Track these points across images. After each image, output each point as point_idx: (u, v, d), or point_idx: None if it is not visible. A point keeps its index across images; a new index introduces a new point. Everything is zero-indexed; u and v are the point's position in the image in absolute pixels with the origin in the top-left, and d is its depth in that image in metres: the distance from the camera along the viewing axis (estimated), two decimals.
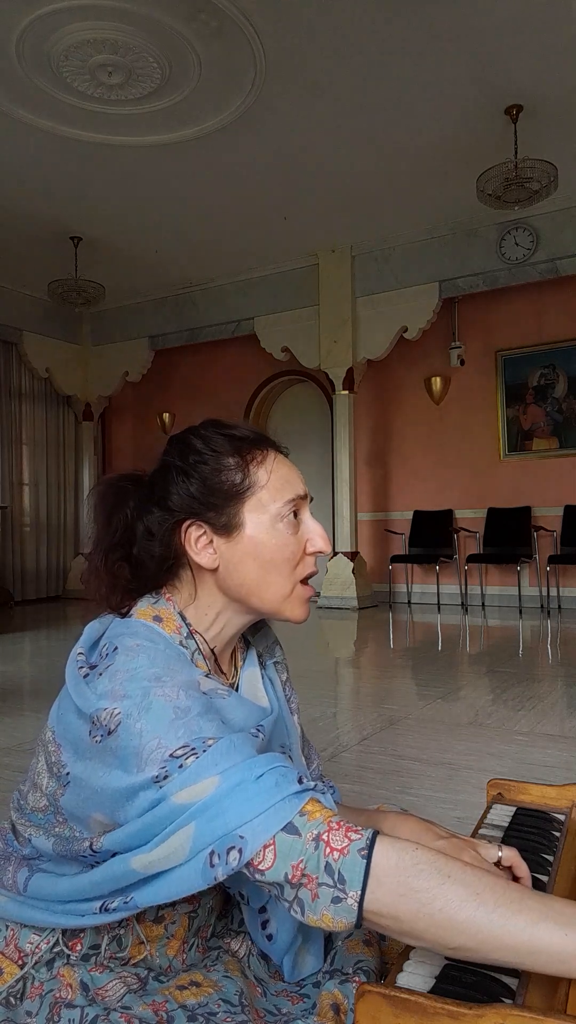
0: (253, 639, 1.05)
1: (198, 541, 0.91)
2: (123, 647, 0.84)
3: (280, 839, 0.70)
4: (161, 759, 0.74)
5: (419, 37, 4.19)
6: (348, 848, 0.69)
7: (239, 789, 0.72)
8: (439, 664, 4.27)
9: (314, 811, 0.72)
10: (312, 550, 0.94)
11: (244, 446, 0.93)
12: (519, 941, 0.64)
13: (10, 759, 2.42)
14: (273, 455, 0.94)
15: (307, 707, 3.04)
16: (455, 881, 0.67)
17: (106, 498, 0.95)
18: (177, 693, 0.78)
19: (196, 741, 0.75)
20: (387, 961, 0.95)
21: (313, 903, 0.69)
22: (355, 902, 0.68)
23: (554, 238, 6.23)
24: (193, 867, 0.71)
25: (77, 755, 0.81)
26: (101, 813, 0.79)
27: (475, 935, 0.65)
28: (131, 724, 0.76)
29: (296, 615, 0.94)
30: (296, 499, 0.93)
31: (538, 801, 1.09)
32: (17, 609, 7.71)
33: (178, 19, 4.03)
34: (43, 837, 0.87)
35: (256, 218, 6.50)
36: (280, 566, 0.91)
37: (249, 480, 0.91)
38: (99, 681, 0.81)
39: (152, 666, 0.81)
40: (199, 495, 0.90)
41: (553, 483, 6.93)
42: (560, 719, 2.83)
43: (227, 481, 0.91)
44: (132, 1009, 0.80)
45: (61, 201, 6.14)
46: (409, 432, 7.69)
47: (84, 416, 9.02)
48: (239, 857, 0.70)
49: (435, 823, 0.92)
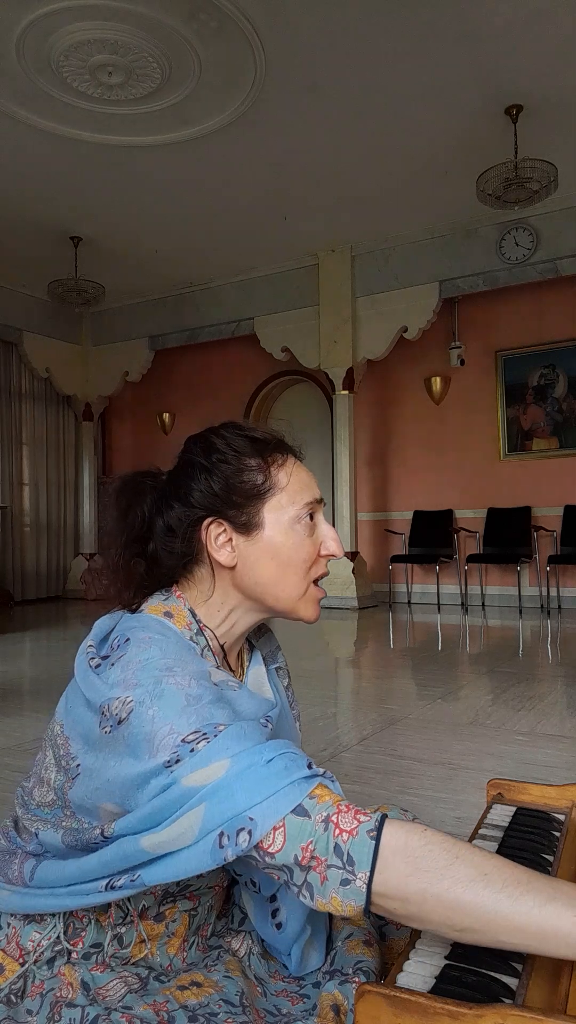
0: (257, 643, 1.06)
1: (218, 538, 0.93)
2: (135, 639, 0.85)
3: (290, 821, 0.71)
4: (173, 744, 0.75)
5: (419, 37, 4.19)
6: (357, 829, 0.70)
7: (249, 772, 0.72)
8: (439, 664, 4.27)
9: (323, 795, 0.73)
10: (326, 552, 0.97)
11: (266, 449, 0.95)
12: (527, 922, 0.64)
13: (10, 759, 2.42)
14: (292, 460, 0.97)
15: (307, 707, 3.04)
16: (463, 861, 0.67)
17: (124, 493, 0.97)
18: (189, 682, 0.79)
19: (207, 726, 0.76)
20: (387, 961, 0.95)
21: (322, 886, 0.70)
22: (364, 883, 0.68)
23: (554, 238, 6.23)
24: (202, 848, 0.72)
25: (88, 746, 0.82)
26: (112, 803, 0.79)
27: (482, 916, 0.65)
28: (143, 711, 0.77)
29: (309, 615, 0.96)
30: (313, 502, 0.96)
31: (538, 801, 1.09)
32: (17, 609, 7.71)
33: (178, 19, 4.03)
34: (51, 831, 0.87)
35: (256, 218, 6.50)
36: (297, 566, 0.94)
37: (270, 482, 0.93)
38: (111, 671, 0.82)
39: (164, 657, 0.82)
40: (221, 493, 0.92)
41: (553, 483, 6.93)
42: (560, 719, 2.83)
43: (249, 481, 0.93)
44: (133, 1009, 0.80)
45: (61, 201, 6.14)
46: (409, 432, 7.69)
47: (84, 416, 9.02)
48: (248, 839, 0.70)
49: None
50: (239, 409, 8.47)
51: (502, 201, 5.10)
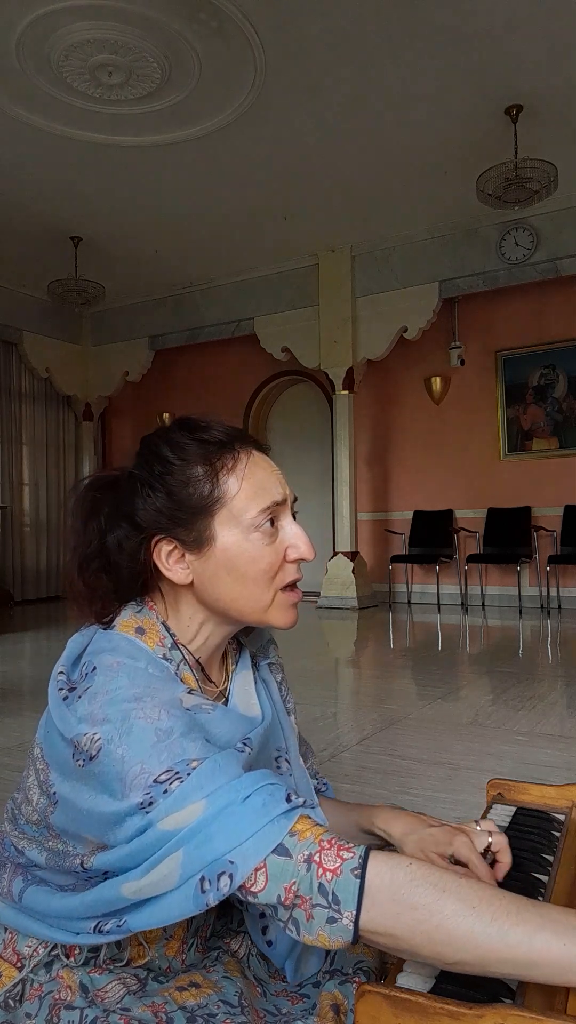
0: (246, 640, 1.03)
1: (169, 557, 0.87)
2: (102, 666, 0.81)
3: (271, 861, 0.69)
4: (145, 784, 0.72)
5: (419, 37, 4.19)
6: (341, 868, 0.68)
7: (226, 813, 0.70)
8: (439, 664, 4.27)
9: (304, 830, 0.70)
10: (294, 557, 0.89)
11: (214, 451, 0.87)
12: (518, 954, 0.63)
13: (10, 759, 2.42)
14: (246, 458, 0.88)
15: (307, 707, 3.04)
16: (450, 895, 0.66)
17: (81, 506, 0.92)
18: (159, 714, 0.76)
19: (180, 764, 0.73)
20: (387, 961, 0.95)
21: (308, 923, 0.68)
22: (351, 922, 0.67)
23: (554, 238, 6.23)
24: (184, 893, 0.70)
25: (64, 776, 0.80)
26: (90, 834, 0.78)
27: (472, 950, 0.64)
28: (112, 749, 0.74)
29: (280, 622, 0.90)
30: (272, 506, 0.87)
31: (538, 801, 1.09)
32: (17, 609, 7.70)
33: (178, 19, 4.03)
34: (36, 850, 0.86)
35: (256, 218, 6.50)
36: (256, 578, 0.87)
37: (219, 491, 0.86)
38: (79, 704, 0.79)
39: (132, 686, 0.78)
40: (166, 510, 0.86)
41: (553, 483, 6.93)
42: (560, 719, 2.83)
43: (195, 494, 0.86)
44: (131, 1011, 0.80)
45: (61, 201, 6.13)
46: (409, 432, 7.69)
47: (84, 416, 9.02)
48: (230, 882, 0.69)
49: (425, 814, 0.92)
50: (239, 409, 8.48)
51: (502, 201, 5.10)
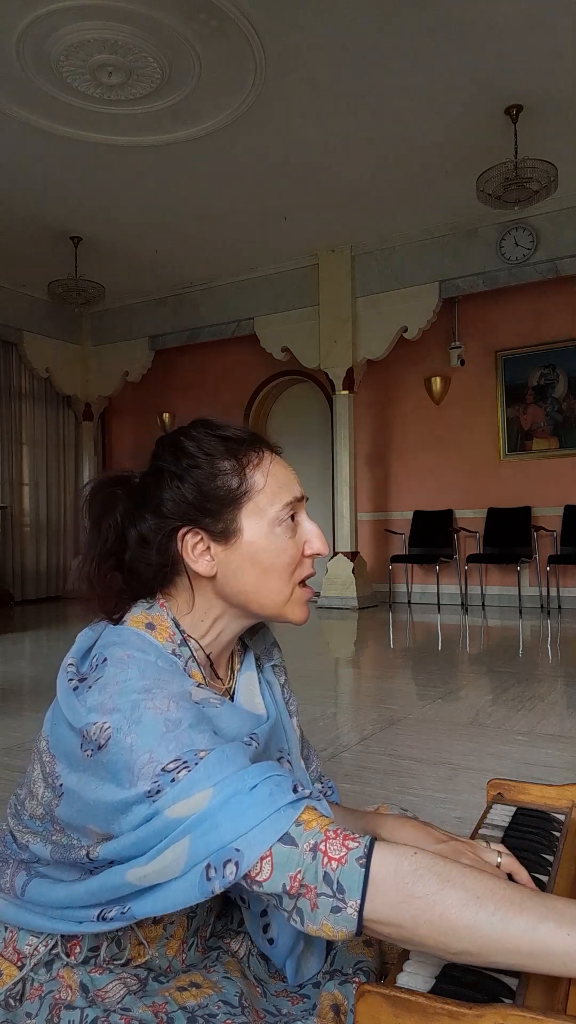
0: (251, 642, 1.04)
1: (195, 548, 0.89)
2: (112, 658, 0.82)
3: (276, 850, 0.69)
4: (153, 773, 0.73)
5: (419, 37, 4.19)
6: (346, 857, 0.68)
7: (233, 801, 0.71)
8: (439, 664, 4.27)
9: (310, 820, 0.71)
10: (310, 552, 0.92)
11: (239, 448, 0.90)
12: (521, 943, 0.63)
13: (10, 759, 2.42)
14: (269, 456, 0.92)
15: (307, 707, 3.04)
16: (454, 885, 0.66)
17: (95, 502, 0.93)
18: (168, 705, 0.77)
19: (188, 754, 0.74)
20: (387, 961, 0.95)
21: (312, 912, 0.69)
22: (355, 911, 0.67)
23: (554, 238, 6.23)
24: (189, 880, 0.71)
25: (70, 767, 0.81)
26: (95, 825, 0.78)
27: (476, 939, 0.64)
28: (121, 738, 0.75)
29: (297, 617, 0.92)
30: (293, 502, 0.91)
31: (538, 801, 1.09)
32: (17, 609, 7.71)
33: (178, 19, 4.03)
34: (41, 844, 0.86)
35: (256, 218, 6.50)
36: (279, 570, 0.89)
37: (246, 484, 0.88)
38: (88, 694, 0.80)
39: (142, 678, 0.79)
40: (195, 501, 0.88)
41: (553, 483, 6.93)
42: (560, 719, 2.83)
43: (223, 486, 0.88)
44: (132, 1011, 0.80)
45: (61, 201, 6.13)
46: (409, 432, 7.69)
47: (84, 416, 9.02)
48: (235, 870, 0.69)
49: (434, 826, 0.92)
50: (239, 409, 8.48)
51: (502, 201, 5.10)
